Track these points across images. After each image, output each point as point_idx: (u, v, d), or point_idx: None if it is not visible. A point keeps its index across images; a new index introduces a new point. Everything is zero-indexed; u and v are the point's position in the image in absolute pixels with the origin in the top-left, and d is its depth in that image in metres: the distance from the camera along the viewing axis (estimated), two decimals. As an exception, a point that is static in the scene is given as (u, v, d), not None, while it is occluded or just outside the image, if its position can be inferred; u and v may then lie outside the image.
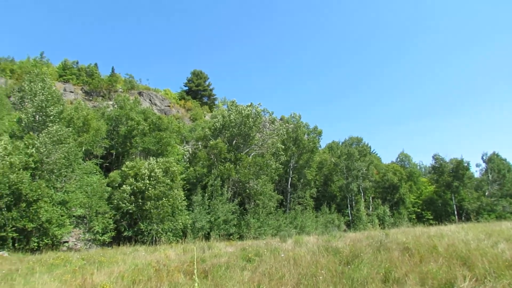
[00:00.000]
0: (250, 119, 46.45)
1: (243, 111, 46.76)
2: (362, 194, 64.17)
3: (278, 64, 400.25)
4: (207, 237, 34.81)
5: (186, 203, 37.38)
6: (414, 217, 65.43)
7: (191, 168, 44.77)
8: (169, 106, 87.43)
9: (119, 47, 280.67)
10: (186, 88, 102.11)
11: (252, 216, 41.77)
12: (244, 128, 46.47)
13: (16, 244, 28.32)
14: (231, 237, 37.66)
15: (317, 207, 57.65)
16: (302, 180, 57.46)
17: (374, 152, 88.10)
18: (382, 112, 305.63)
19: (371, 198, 67.25)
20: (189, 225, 35.87)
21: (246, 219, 41.07)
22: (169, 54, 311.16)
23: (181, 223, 35.01)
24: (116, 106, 60.06)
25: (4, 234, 27.47)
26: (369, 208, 64.20)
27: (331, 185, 64.43)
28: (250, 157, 47.12)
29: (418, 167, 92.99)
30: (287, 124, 58.52)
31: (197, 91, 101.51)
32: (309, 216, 50.86)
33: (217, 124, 48.14)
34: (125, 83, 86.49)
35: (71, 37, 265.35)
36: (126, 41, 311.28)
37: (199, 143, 50.55)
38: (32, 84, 41.38)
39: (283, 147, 52.73)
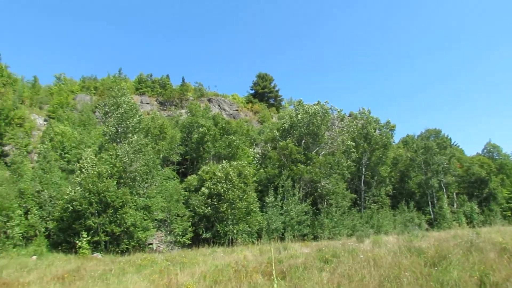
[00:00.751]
0: (318, 117, 45.68)
1: (310, 110, 46.16)
2: (445, 190, 59.62)
3: (344, 62, 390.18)
4: (281, 238, 34.87)
5: (259, 205, 37.87)
6: (510, 214, 59.19)
7: (262, 170, 45.24)
8: (237, 110, 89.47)
9: (188, 57, 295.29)
10: (253, 91, 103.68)
11: (325, 216, 40.95)
12: (312, 127, 45.83)
13: (108, 247, 30.91)
14: (305, 237, 37.29)
15: (394, 206, 54.77)
16: (376, 177, 55.05)
17: (455, 144, 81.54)
18: (464, 104, 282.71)
19: (455, 194, 62.24)
20: (263, 226, 36.26)
21: (320, 219, 40.38)
22: (234, 60, 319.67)
23: (256, 224, 35.54)
24: (188, 113, 62.97)
25: (97, 238, 30.13)
26: (453, 205, 59.49)
27: (408, 182, 60.73)
28: (320, 156, 46.30)
29: (511, 158, 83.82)
30: (356, 120, 56.48)
31: (263, 93, 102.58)
32: (386, 215, 48.49)
33: (285, 124, 48.09)
34: (195, 91, 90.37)
35: (145, 52, 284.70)
36: (194, 50, 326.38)
37: (268, 144, 50.90)
38: (113, 99, 45.09)
39: (353, 144, 50.98)
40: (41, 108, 72.68)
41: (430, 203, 56.69)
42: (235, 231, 34.22)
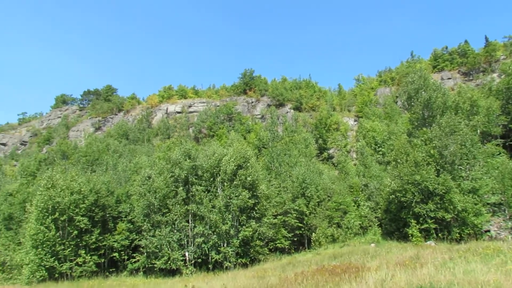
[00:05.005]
0: None
1: None
2: None
3: None
4: None
5: None
6: None
7: None
8: None
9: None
10: None
11: None
12: None
13: (438, 234, 30.18)
14: None
15: None
16: None
17: None
18: None
19: None
20: None
21: None
22: None
23: None
24: (503, 75, 53.16)
25: (426, 225, 30.03)
26: None
27: None
28: None
29: None
30: None
31: None
32: None
33: None
34: (505, 48, 75.31)
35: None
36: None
37: None
38: (412, 84, 44.34)
39: None
40: (349, 110, 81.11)
41: None
42: None
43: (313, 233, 37.13)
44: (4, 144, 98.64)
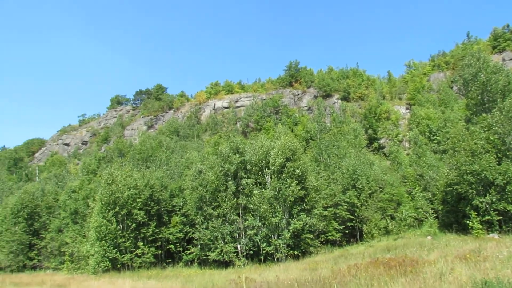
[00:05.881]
0: None
1: None
2: None
3: None
4: None
5: None
6: None
7: None
8: None
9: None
10: None
11: None
12: None
13: (503, 227, 28.32)
14: None
15: None
16: None
17: None
18: None
19: None
20: None
21: None
22: None
23: None
24: None
25: (488, 217, 28.24)
26: None
27: None
28: None
29: None
30: None
31: None
32: None
33: None
34: None
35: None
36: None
37: None
38: (469, 67, 41.62)
39: None
40: (400, 98, 77.95)
41: None
42: None
43: (365, 225, 36.38)
44: (67, 145, 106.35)
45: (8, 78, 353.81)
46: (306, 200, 32.43)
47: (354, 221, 37.38)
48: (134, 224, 33.01)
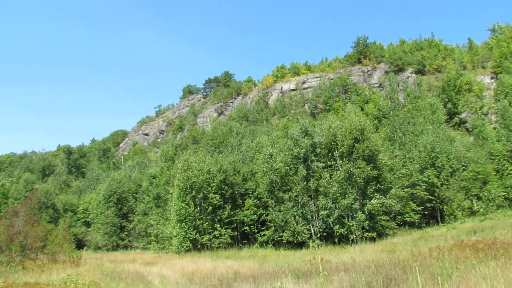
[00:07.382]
0: None
1: None
2: None
3: None
4: None
5: None
6: None
7: None
8: None
9: None
10: None
11: None
12: None
13: None
14: None
15: None
16: None
17: None
18: None
19: None
20: None
21: None
22: None
23: None
24: None
25: None
26: None
27: None
28: None
29: None
30: None
31: None
32: None
33: None
34: None
35: None
36: None
37: None
38: None
39: None
40: (484, 67, 70.81)
41: None
42: None
43: (446, 206, 34.19)
44: (147, 134, 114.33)
45: (92, 73, 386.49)
46: (380, 180, 31.33)
47: (434, 202, 35.31)
48: (210, 207, 34.82)
